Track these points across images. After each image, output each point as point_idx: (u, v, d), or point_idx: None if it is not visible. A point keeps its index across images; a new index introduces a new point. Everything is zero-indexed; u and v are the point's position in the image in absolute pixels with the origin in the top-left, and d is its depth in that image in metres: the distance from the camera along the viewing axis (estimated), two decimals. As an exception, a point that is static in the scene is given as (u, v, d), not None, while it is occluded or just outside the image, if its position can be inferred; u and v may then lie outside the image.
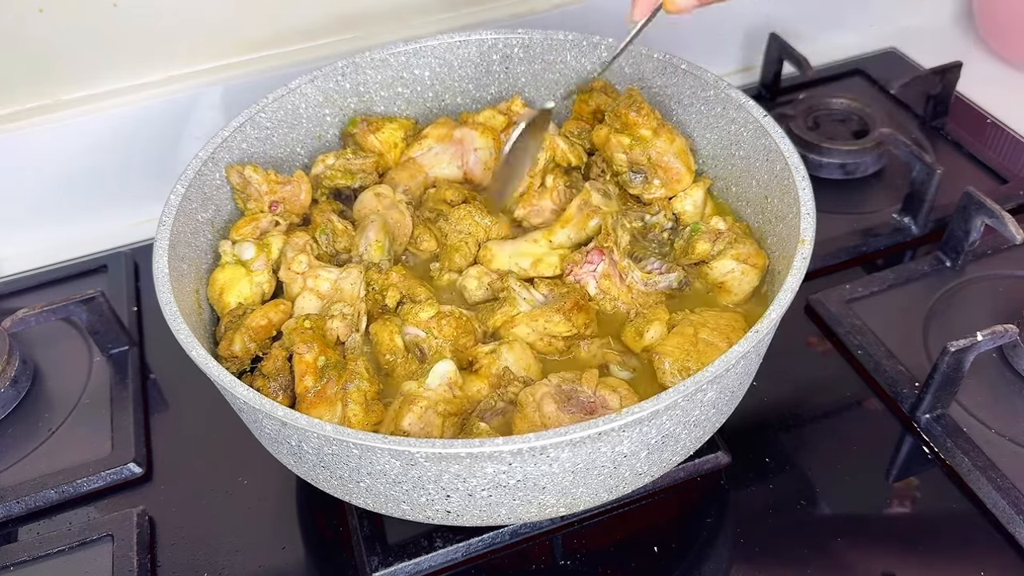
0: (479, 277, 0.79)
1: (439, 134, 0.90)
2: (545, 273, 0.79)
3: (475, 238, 0.82)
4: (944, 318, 0.89)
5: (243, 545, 0.76)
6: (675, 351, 0.70)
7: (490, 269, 0.80)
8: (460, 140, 0.89)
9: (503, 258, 0.80)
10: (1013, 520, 0.72)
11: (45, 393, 0.90)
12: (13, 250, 1.08)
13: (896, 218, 1.00)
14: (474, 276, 0.79)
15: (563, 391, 0.67)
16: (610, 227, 0.78)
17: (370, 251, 0.80)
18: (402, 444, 0.56)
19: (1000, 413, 0.80)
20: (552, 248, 0.81)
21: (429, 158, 0.90)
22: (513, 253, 0.80)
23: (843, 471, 0.78)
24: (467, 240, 0.82)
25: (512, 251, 0.80)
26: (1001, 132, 1.13)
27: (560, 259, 0.79)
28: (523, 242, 0.81)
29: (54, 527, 0.79)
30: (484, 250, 0.81)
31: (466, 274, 0.79)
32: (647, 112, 0.81)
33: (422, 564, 0.73)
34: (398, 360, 0.72)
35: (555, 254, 0.80)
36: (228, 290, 0.76)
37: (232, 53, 1.05)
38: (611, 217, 0.79)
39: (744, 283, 0.77)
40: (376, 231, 0.80)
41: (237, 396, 0.60)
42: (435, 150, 0.90)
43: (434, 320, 0.73)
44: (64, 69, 1.00)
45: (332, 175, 0.87)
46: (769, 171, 0.77)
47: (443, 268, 0.81)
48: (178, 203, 0.75)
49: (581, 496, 0.63)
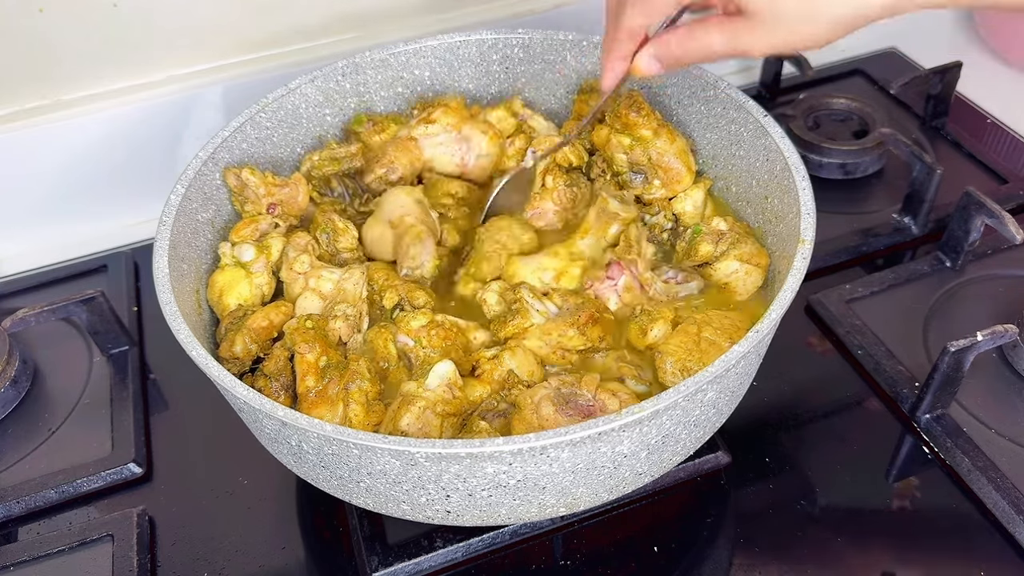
0: (501, 292, 0.77)
1: (449, 122, 0.89)
2: (568, 286, 0.78)
3: (508, 251, 0.81)
4: (944, 318, 0.89)
5: (243, 545, 0.76)
6: (677, 350, 0.70)
7: (512, 285, 0.78)
8: (467, 139, 0.89)
9: (526, 273, 0.78)
10: (1013, 520, 0.72)
11: (45, 393, 0.90)
12: (13, 250, 1.08)
13: (896, 218, 1.00)
14: (495, 291, 0.77)
15: (562, 394, 0.67)
16: (633, 239, 0.77)
17: (426, 267, 0.79)
18: (402, 444, 0.56)
19: (1000, 413, 0.80)
20: (573, 260, 0.79)
21: (431, 144, 0.89)
22: (536, 268, 0.79)
23: (843, 471, 0.78)
24: (500, 252, 0.80)
25: (534, 266, 0.79)
26: (1001, 132, 1.13)
27: (582, 271, 0.78)
28: (544, 256, 0.80)
29: (54, 527, 0.79)
30: (508, 265, 0.80)
31: (487, 288, 0.77)
32: (647, 112, 0.81)
33: (422, 564, 0.73)
34: (391, 368, 0.72)
35: (577, 266, 0.79)
36: (228, 292, 0.76)
37: (232, 53, 1.05)
38: (635, 228, 0.78)
39: (748, 283, 0.77)
40: (433, 247, 0.79)
41: (237, 396, 0.60)
42: (440, 138, 0.89)
43: (425, 329, 0.72)
44: (64, 69, 1.00)
45: (320, 165, 0.87)
46: (769, 171, 0.77)
47: (469, 275, 0.80)
48: (178, 203, 0.75)
49: (581, 496, 0.63)
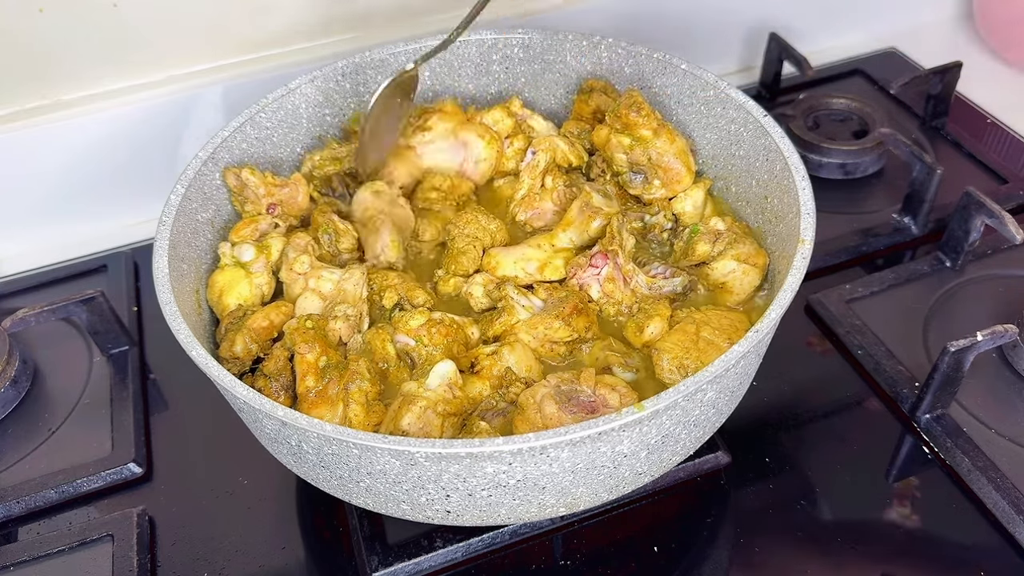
0: (485, 285, 0.78)
1: (445, 129, 0.89)
2: (551, 277, 0.78)
3: (482, 243, 0.81)
4: (944, 318, 0.89)
5: (243, 545, 0.76)
6: (674, 348, 0.70)
7: (495, 276, 0.79)
8: (464, 144, 0.89)
9: (508, 264, 0.79)
10: (1013, 520, 0.72)
11: (45, 393, 0.90)
12: (13, 250, 1.08)
13: (896, 218, 1.00)
14: (480, 283, 0.78)
15: (563, 392, 0.67)
16: (615, 230, 0.78)
17: (387, 252, 0.80)
18: (402, 444, 0.56)
19: (1000, 413, 0.80)
20: (556, 252, 0.80)
21: (429, 151, 0.89)
22: (518, 259, 0.80)
23: (843, 471, 0.78)
24: (474, 244, 0.81)
25: (517, 257, 0.80)
26: (1001, 132, 1.13)
27: (565, 262, 0.79)
28: (527, 247, 0.81)
29: (54, 527, 0.79)
30: (488, 257, 0.80)
31: (472, 282, 0.78)
32: (647, 113, 0.81)
33: (422, 564, 0.73)
34: (391, 368, 0.72)
35: (560, 257, 0.80)
36: (227, 292, 0.76)
37: (232, 53, 1.05)
38: (616, 220, 0.79)
39: (746, 283, 0.77)
40: (390, 231, 0.80)
41: (237, 396, 0.60)
42: (437, 145, 0.89)
43: (424, 328, 0.72)
44: (64, 69, 1.00)
45: (321, 164, 0.87)
46: (769, 171, 0.77)
47: (449, 273, 0.80)
48: (178, 203, 0.75)
49: (581, 496, 0.63)
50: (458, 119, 0.90)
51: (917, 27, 1.32)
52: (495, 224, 0.83)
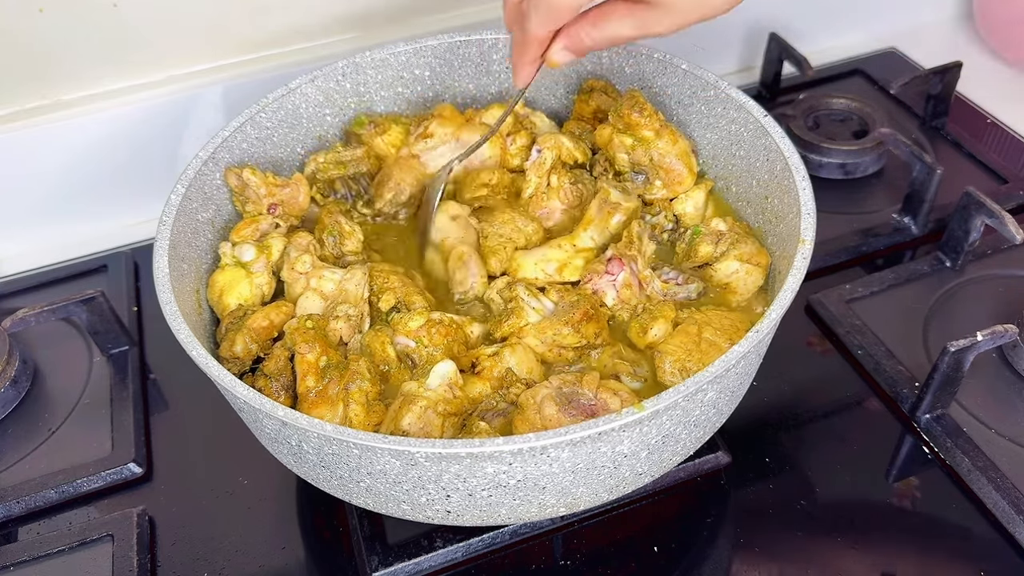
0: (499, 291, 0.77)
1: (445, 133, 0.89)
2: (571, 278, 0.78)
3: (514, 244, 0.81)
4: (944, 318, 0.89)
5: (243, 545, 0.76)
6: (676, 350, 0.70)
7: (517, 279, 0.78)
8: (466, 145, 0.89)
9: (529, 266, 0.78)
10: (1013, 520, 0.72)
11: (45, 393, 0.90)
12: (13, 250, 1.08)
13: (896, 218, 1.00)
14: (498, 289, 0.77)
15: (564, 393, 0.67)
16: (635, 235, 0.77)
17: (476, 288, 0.78)
18: (402, 444, 0.56)
19: (1000, 413, 0.80)
20: (577, 252, 0.80)
21: (433, 157, 0.89)
22: (539, 260, 0.79)
23: (843, 471, 0.78)
24: (506, 245, 0.80)
25: (538, 258, 0.79)
26: (1001, 132, 1.13)
27: (586, 262, 0.78)
28: (548, 248, 0.80)
29: (54, 527, 0.79)
30: (512, 260, 0.80)
31: (494, 285, 0.77)
32: (650, 113, 0.81)
33: (422, 564, 0.73)
34: (391, 370, 0.72)
35: (581, 257, 0.79)
36: (228, 292, 0.76)
37: (232, 53, 1.05)
38: (637, 224, 0.78)
39: (749, 283, 0.77)
40: (477, 264, 0.79)
41: (237, 396, 0.60)
42: (440, 150, 0.89)
43: (424, 329, 0.72)
44: (64, 69, 1.00)
45: (325, 168, 0.87)
46: (769, 171, 0.77)
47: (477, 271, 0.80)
48: (178, 203, 0.75)
49: (581, 496, 0.63)
50: (457, 122, 0.90)
51: (917, 27, 1.32)
52: (532, 226, 0.82)
